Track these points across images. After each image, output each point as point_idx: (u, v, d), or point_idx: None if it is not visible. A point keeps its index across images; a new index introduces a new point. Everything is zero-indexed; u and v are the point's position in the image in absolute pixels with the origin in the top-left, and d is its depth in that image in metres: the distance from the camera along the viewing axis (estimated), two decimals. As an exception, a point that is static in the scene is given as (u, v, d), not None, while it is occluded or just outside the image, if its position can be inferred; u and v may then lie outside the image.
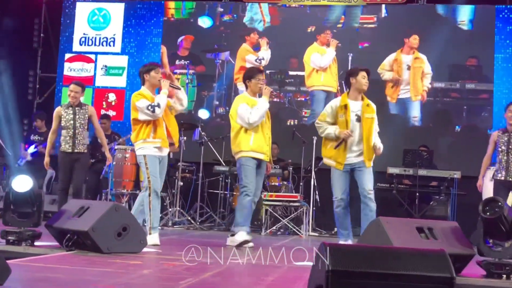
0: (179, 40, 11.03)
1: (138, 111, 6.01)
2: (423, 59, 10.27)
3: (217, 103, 10.79)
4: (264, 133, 6.28)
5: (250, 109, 6.16)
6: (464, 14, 10.35)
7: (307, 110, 10.60)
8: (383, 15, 10.59)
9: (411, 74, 10.25)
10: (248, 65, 10.44)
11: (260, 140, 6.24)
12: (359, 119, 6.05)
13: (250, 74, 6.42)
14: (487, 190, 7.99)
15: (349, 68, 9.39)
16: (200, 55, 10.97)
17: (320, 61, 10.52)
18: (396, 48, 10.39)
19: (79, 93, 7.68)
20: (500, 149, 7.20)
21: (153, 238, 5.72)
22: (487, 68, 10.19)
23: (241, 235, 6.10)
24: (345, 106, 6.06)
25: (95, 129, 7.84)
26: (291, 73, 10.68)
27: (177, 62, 11.00)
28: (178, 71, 10.92)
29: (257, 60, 10.63)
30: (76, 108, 7.63)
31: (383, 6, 10.55)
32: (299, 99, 10.72)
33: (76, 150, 7.55)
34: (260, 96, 6.36)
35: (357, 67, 6.51)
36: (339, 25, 10.69)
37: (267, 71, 10.42)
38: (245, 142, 6.20)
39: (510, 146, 7.18)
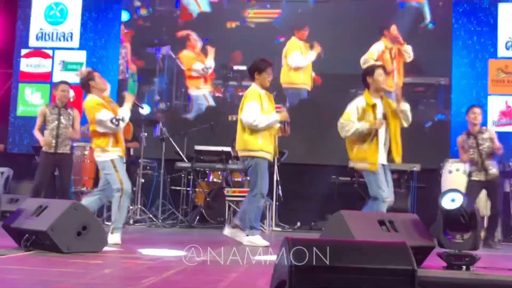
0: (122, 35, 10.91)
1: (97, 123, 5.79)
2: (407, 49, 10.29)
3: (158, 98, 10.70)
4: (271, 132, 6.30)
5: (259, 109, 6.14)
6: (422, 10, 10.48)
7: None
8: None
9: (395, 63, 10.21)
10: (194, 74, 10.42)
11: (267, 139, 6.28)
12: (385, 117, 5.82)
13: (260, 66, 6.32)
14: (447, 182, 8.15)
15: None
16: (140, 50, 10.86)
17: (300, 61, 10.45)
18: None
19: (67, 93, 7.71)
20: (471, 152, 7.35)
21: (114, 237, 5.64)
22: (445, 61, 10.31)
23: (258, 238, 6.14)
24: (374, 106, 5.80)
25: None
26: (234, 67, 10.61)
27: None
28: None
29: (204, 69, 10.57)
30: (62, 110, 7.64)
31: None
32: (240, 93, 10.69)
33: (59, 151, 7.50)
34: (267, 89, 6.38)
35: (374, 64, 6.39)
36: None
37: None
38: (255, 140, 6.21)
39: (480, 147, 7.33)
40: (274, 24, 10.67)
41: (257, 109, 6.15)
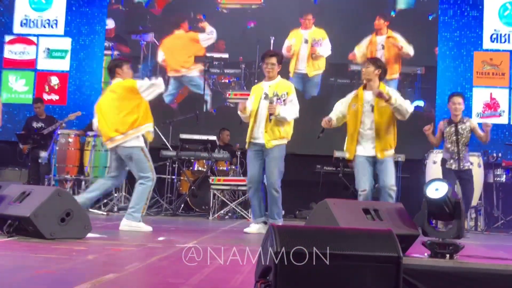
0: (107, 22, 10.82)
1: (143, 92, 5.92)
2: (397, 38, 10.30)
3: None
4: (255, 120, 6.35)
5: (249, 101, 6.40)
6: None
7: (230, 92, 10.54)
8: None
9: (385, 53, 10.21)
10: (204, 44, 10.36)
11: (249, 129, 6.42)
12: (372, 109, 5.86)
13: (262, 56, 6.50)
14: (431, 172, 8.19)
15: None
16: (125, 37, 10.78)
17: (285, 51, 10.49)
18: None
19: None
20: (449, 140, 7.34)
21: (146, 226, 5.90)
22: (430, 52, 10.34)
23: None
24: (356, 96, 5.96)
25: None
26: (216, 55, 10.56)
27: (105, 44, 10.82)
28: (105, 52, 10.76)
29: (210, 33, 10.54)
30: None
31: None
32: (223, 81, 10.67)
33: None
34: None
35: (367, 58, 6.55)
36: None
37: (195, 55, 10.44)
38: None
39: (458, 136, 7.34)
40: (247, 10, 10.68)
41: (249, 101, 6.44)
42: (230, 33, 10.55)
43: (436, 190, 4.43)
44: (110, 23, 10.80)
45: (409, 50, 10.21)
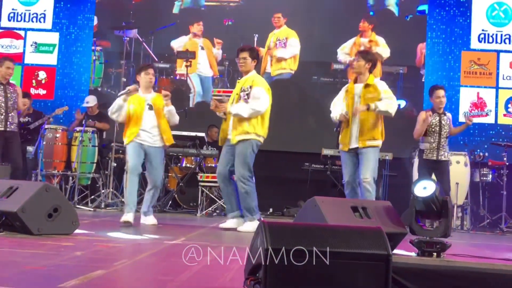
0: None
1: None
2: (379, 41, 10.34)
3: (125, 80, 10.60)
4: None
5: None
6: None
7: (214, 89, 10.52)
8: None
9: None
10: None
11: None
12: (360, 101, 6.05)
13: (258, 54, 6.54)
14: (418, 171, 8.21)
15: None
16: (107, 32, 10.73)
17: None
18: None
19: (13, 70, 7.60)
20: (432, 130, 7.40)
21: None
22: (412, 51, 10.38)
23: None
24: (347, 91, 6.14)
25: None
26: None
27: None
28: None
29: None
30: (7, 87, 7.53)
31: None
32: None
33: (8, 129, 7.45)
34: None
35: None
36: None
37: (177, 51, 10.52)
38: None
39: (442, 128, 7.40)
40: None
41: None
42: (212, 31, 10.52)
43: (424, 188, 4.45)
44: (94, 19, 10.75)
45: (383, 53, 10.27)
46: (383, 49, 10.27)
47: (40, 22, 10.82)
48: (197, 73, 10.57)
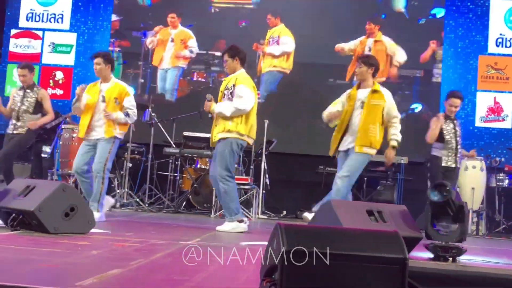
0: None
1: None
2: (385, 42, 10.31)
3: (142, 81, 10.67)
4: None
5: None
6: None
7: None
8: None
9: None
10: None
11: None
12: (362, 106, 6.02)
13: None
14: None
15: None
16: (126, 33, 10.81)
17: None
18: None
19: (26, 76, 7.64)
20: (448, 137, 7.36)
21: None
22: (435, 55, 10.35)
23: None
24: (349, 96, 6.14)
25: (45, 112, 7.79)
26: (216, 54, 10.56)
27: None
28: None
29: (190, 52, 10.71)
30: (27, 90, 7.63)
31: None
32: (222, 79, 10.69)
33: (15, 132, 7.55)
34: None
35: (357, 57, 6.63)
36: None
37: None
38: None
39: (457, 133, 7.36)
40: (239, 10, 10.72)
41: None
42: (228, 32, 10.54)
43: (440, 193, 4.44)
44: (114, 17, 10.81)
45: (399, 57, 10.23)
46: (399, 53, 10.23)
47: (58, 22, 10.90)
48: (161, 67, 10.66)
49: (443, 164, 7.39)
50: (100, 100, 6.46)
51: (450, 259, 4.33)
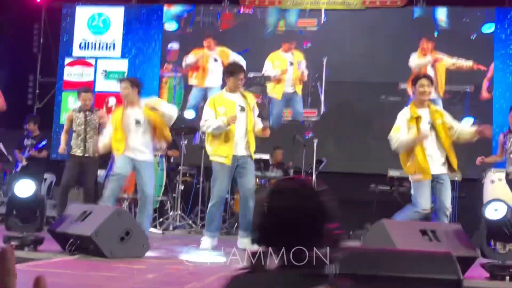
0: (169, 47, 11.02)
1: None
2: (443, 58, 10.23)
3: (202, 104, 10.79)
4: (227, 136, 6.24)
5: (211, 114, 6.18)
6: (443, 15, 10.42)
7: (285, 110, 10.61)
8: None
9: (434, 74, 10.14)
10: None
11: (222, 143, 6.27)
12: (432, 127, 5.70)
13: (232, 70, 6.40)
14: (488, 192, 8.02)
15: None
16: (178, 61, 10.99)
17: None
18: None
19: (91, 100, 7.92)
20: (510, 150, 7.23)
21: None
22: (479, 70, 10.20)
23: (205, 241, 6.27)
24: (417, 118, 5.66)
25: None
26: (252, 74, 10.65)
27: (165, 65, 11.01)
28: (166, 74, 10.95)
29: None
30: (87, 113, 7.83)
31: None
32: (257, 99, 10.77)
33: (86, 154, 7.71)
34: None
35: (418, 74, 6.37)
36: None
37: (251, 74, 10.47)
38: (210, 145, 6.35)
39: None
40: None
41: (209, 114, 6.22)
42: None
43: (496, 210, 4.36)
44: (175, 46, 11.02)
45: (462, 62, 10.14)
46: (461, 61, 10.17)
47: (109, 50, 11.20)
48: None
49: (511, 178, 7.22)
50: (133, 123, 6.45)
51: (508, 278, 4.24)
